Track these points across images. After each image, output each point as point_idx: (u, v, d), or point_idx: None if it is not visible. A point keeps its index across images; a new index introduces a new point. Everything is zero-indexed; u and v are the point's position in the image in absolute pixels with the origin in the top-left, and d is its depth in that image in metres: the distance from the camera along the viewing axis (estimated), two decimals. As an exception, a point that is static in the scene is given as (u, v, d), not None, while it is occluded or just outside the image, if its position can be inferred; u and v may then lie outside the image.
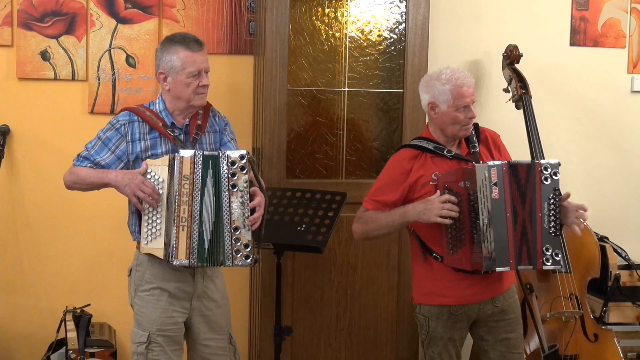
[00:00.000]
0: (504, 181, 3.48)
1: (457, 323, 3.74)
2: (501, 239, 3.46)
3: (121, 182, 3.48)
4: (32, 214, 4.70)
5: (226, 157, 3.43)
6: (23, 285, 4.72)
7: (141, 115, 3.61)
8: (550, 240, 3.52)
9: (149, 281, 3.61)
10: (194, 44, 3.57)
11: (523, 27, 5.11)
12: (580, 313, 4.48)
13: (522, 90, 4.72)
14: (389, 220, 3.68)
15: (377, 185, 3.79)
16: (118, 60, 4.71)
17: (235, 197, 3.43)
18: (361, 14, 4.66)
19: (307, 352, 4.62)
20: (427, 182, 3.65)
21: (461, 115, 3.67)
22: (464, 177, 3.53)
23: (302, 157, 4.67)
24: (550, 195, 3.52)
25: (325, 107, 4.69)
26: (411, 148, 3.78)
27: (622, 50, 5.28)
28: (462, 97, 3.65)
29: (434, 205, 3.53)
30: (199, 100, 3.60)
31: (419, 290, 3.81)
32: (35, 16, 4.60)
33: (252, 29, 4.79)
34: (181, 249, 3.44)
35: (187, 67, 3.56)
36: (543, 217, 3.51)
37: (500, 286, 3.75)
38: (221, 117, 3.78)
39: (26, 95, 4.64)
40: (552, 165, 3.54)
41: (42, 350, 4.59)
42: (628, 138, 5.34)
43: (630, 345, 4.80)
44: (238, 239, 3.43)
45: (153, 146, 3.59)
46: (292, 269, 4.55)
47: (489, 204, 3.46)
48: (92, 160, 3.58)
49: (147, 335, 3.57)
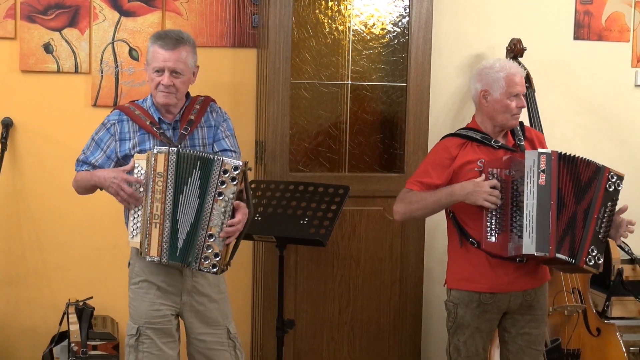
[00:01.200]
0: (552, 169, 3.55)
1: (486, 313, 3.76)
2: (543, 225, 3.53)
3: (105, 183, 3.52)
4: (34, 206, 4.70)
5: (220, 163, 3.40)
6: (26, 278, 4.72)
7: (129, 114, 3.61)
8: (597, 243, 3.60)
9: (138, 274, 3.64)
10: (169, 40, 3.52)
11: (527, 20, 5.10)
12: (583, 307, 4.48)
13: (526, 84, 4.70)
14: (434, 199, 3.73)
15: (422, 168, 3.85)
16: (121, 53, 4.71)
17: (219, 205, 3.40)
18: (364, 7, 4.65)
19: (310, 346, 4.62)
20: (472, 168, 3.71)
21: (512, 103, 3.75)
22: (511, 165, 3.61)
23: (305, 151, 4.67)
24: (609, 203, 3.62)
25: (328, 100, 4.68)
26: (457, 137, 3.83)
27: (626, 44, 5.28)
28: (515, 85, 3.75)
29: (483, 189, 3.61)
30: (161, 99, 3.55)
31: (451, 275, 3.86)
32: (39, 9, 4.59)
33: (255, 22, 4.78)
34: (153, 246, 3.45)
35: (152, 63, 3.55)
36: (597, 220, 3.59)
37: (533, 280, 3.78)
38: (220, 113, 3.74)
39: (29, 88, 4.64)
40: (619, 177, 3.65)
41: (44, 343, 4.59)
42: (631, 132, 5.34)
43: (633, 340, 4.80)
44: (210, 246, 3.42)
45: (141, 142, 3.60)
46: (294, 262, 4.55)
47: (535, 190, 3.53)
48: (88, 162, 3.64)
49: (137, 327, 3.61)
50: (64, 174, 4.64)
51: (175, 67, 3.52)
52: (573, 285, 4.48)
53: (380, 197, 4.59)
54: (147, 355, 3.60)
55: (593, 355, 4.49)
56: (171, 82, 3.52)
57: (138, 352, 3.60)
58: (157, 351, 3.60)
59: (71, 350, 4.28)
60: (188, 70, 3.57)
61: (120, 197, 3.50)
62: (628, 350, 4.68)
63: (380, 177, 4.65)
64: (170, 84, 3.52)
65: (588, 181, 3.61)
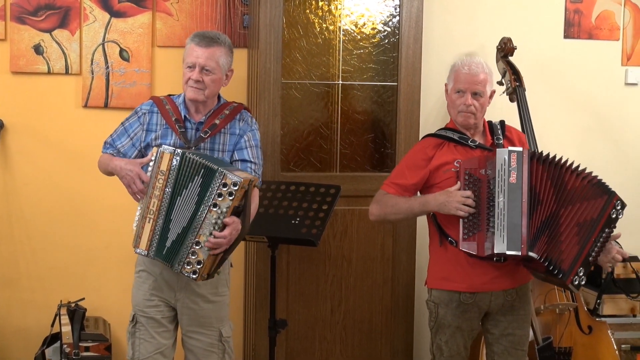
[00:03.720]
0: (523, 167, 3.53)
1: (466, 313, 3.75)
2: (514, 223, 3.51)
3: (120, 173, 3.60)
4: (26, 207, 4.69)
5: (222, 177, 3.41)
6: (18, 279, 4.71)
7: (160, 107, 3.69)
8: (586, 265, 3.55)
9: (139, 264, 3.74)
10: (204, 39, 3.61)
11: (517, 19, 5.11)
12: (575, 305, 4.49)
13: (516, 83, 4.72)
14: (407, 206, 3.74)
15: (398, 169, 3.87)
16: (112, 53, 4.70)
17: (211, 215, 3.41)
18: (355, 6, 4.65)
19: (302, 346, 4.62)
20: (449, 169, 3.70)
21: (458, 100, 3.75)
22: (486, 164, 3.60)
23: (296, 151, 4.67)
24: (607, 229, 3.57)
25: (319, 100, 4.68)
26: (435, 137, 3.83)
27: (616, 42, 5.29)
28: (458, 82, 3.75)
29: (455, 199, 3.60)
30: (190, 93, 3.62)
31: (432, 274, 3.85)
32: (29, 10, 4.59)
33: (246, 22, 4.78)
34: (143, 240, 3.51)
35: (185, 58, 3.64)
36: (594, 243, 3.55)
37: (514, 280, 3.77)
38: (250, 122, 3.75)
39: (20, 89, 4.63)
40: (623, 205, 3.61)
41: (36, 345, 4.59)
42: (622, 130, 5.35)
43: (625, 337, 4.81)
44: (195, 252, 3.44)
45: (164, 136, 3.67)
46: (286, 262, 4.55)
47: (506, 188, 3.52)
48: (114, 146, 3.72)
49: (134, 314, 3.73)
50: (56, 175, 4.66)
51: (206, 64, 3.59)
52: (564, 284, 4.48)
53: (372, 197, 4.52)
54: (143, 341, 3.69)
55: (585, 353, 4.50)
56: (200, 78, 3.59)
57: (135, 338, 3.71)
58: (150, 338, 3.68)
59: (63, 351, 4.28)
60: (219, 69, 3.63)
61: (130, 190, 3.57)
62: (619, 348, 4.69)
63: (372, 177, 4.66)
64: (199, 80, 3.59)
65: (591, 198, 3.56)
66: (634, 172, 5.35)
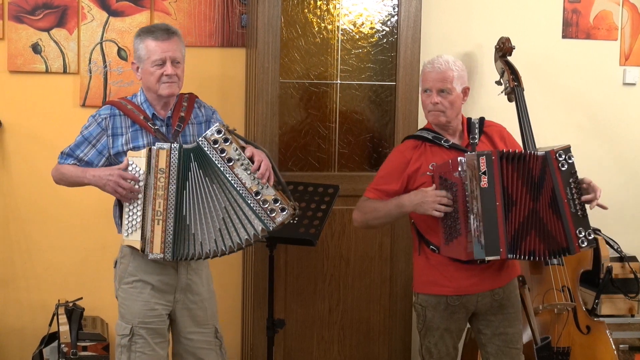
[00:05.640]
0: (494, 170, 3.47)
1: (454, 314, 3.74)
2: (491, 228, 3.45)
3: (100, 182, 3.51)
4: (23, 207, 4.68)
5: (205, 140, 3.42)
6: (15, 279, 4.71)
7: (122, 108, 3.61)
8: (581, 222, 3.51)
9: (131, 274, 3.62)
10: (161, 32, 3.56)
11: (515, 19, 5.11)
12: (573, 305, 4.48)
13: (515, 83, 4.72)
14: (386, 210, 3.70)
15: (379, 174, 3.82)
16: (110, 53, 4.69)
17: (237, 167, 3.42)
18: (353, 6, 4.65)
19: (300, 345, 4.62)
20: (424, 172, 3.66)
21: (426, 100, 3.72)
22: (459, 166, 3.52)
23: (294, 150, 4.67)
24: (571, 180, 3.53)
25: (317, 99, 4.68)
26: (413, 139, 3.80)
27: (614, 42, 5.29)
28: (425, 81, 3.73)
29: (430, 198, 3.55)
30: (165, 90, 3.57)
31: (417, 279, 3.82)
32: (27, 9, 4.58)
33: (244, 22, 4.78)
34: (156, 243, 3.45)
35: (150, 56, 3.56)
36: (569, 202, 3.51)
37: (500, 279, 3.75)
38: (207, 107, 3.76)
39: (17, 88, 4.63)
40: (565, 150, 3.55)
41: (34, 344, 4.58)
42: (620, 130, 5.35)
43: (623, 337, 4.81)
44: (265, 200, 3.43)
45: (134, 139, 3.59)
46: (284, 261, 4.55)
47: (478, 193, 3.46)
48: (74, 156, 3.62)
49: (130, 327, 3.59)
50: (53, 175, 4.64)
51: (175, 56, 3.56)
52: (562, 284, 4.48)
53: (370, 196, 4.59)
54: (140, 355, 3.59)
55: (583, 353, 4.49)
56: (174, 72, 3.55)
57: (131, 352, 3.59)
58: (150, 351, 3.60)
59: (61, 351, 4.27)
60: (183, 59, 3.62)
61: (119, 194, 3.48)
62: (618, 348, 4.68)
63: (370, 176, 4.61)
64: (173, 73, 3.55)
65: (541, 173, 3.53)
66: (632, 172, 5.36)
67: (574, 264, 4.57)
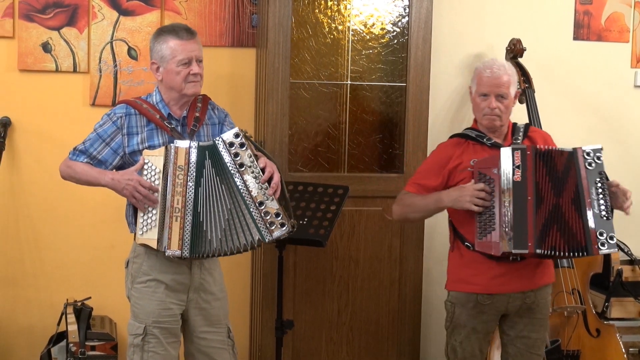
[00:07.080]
0: (527, 165, 3.53)
1: (482, 314, 3.75)
2: (520, 222, 3.50)
3: (118, 186, 3.50)
4: (33, 206, 4.68)
5: (222, 141, 3.43)
6: (23, 278, 4.71)
7: (138, 107, 3.60)
8: (604, 225, 3.53)
9: (145, 273, 3.60)
10: (184, 32, 3.56)
11: (526, 20, 5.10)
12: (583, 308, 4.47)
13: (526, 85, 4.71)
14: (423, 204, 3.76)
15: (420, 169, 3.88)
16: (120, 52, 4.69)
17: (248, 174, 3.42)
18: (364, 7, 4.64)
19: (309, 346, 4.61)
20: (465, 168, 3.71)
21: (482, 103, 3.74)
22: (498, 163, 3.58)
23: (304, 151, 4.66)
24: (597, 179, 3.57)
25: (327, 100, 4.67)
26: (458, 137, 3.85)
27: (626, 44, 5.27)
28: (481, 85, 3.73)
29: (468, 193, 3.60)
30: (191, 89, 3.57)
31: (450, 277, 3.86)
32: (37, 8, 4.58)
33: (254, 22, 4.77)
34: (174, 240, 3.43)
35: (176, 56, 3.55)
36: (592, 203, 3.54)
37: (532, 281, 3.75)
38: (220, 109, 3.77)
39: (27, 87, 4.63)
40: (595, 150, 3.61)
41: (42, 343, 4.58)
42: (631, 132, 5.34)
43: (632, 341, 4.79)
44: (267, 212, 3.43)
45: (150, 138, 3.58)
46: (293, 262, 4.54)
47: (511, 186, 3.52)
48: (88, 154, 3.58)
49: (144, 327, 3.57)
50: (63, 174, 4.64)
51: (199, 55, 3.59)
52: (573, 286, 4.47)
53: (380, 198, 4.58)
54: (153, 355, 3.57)
55: (593, 356, 4.48)
56: (199, 71, 3.58)
57: (144, 352, 3.57)
58: (163, 351, 3.58)
59: (69, 350, 4.27)
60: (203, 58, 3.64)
61: (135, 200, 3.47)
62: (627, 351, 4.67)
63: (380, 178, 4.64)
64: (199, 72, 3.57)
65: (565, 169, 3.58)
66: (643, 174, 5.34)
67: (584, 267, 4.56)
